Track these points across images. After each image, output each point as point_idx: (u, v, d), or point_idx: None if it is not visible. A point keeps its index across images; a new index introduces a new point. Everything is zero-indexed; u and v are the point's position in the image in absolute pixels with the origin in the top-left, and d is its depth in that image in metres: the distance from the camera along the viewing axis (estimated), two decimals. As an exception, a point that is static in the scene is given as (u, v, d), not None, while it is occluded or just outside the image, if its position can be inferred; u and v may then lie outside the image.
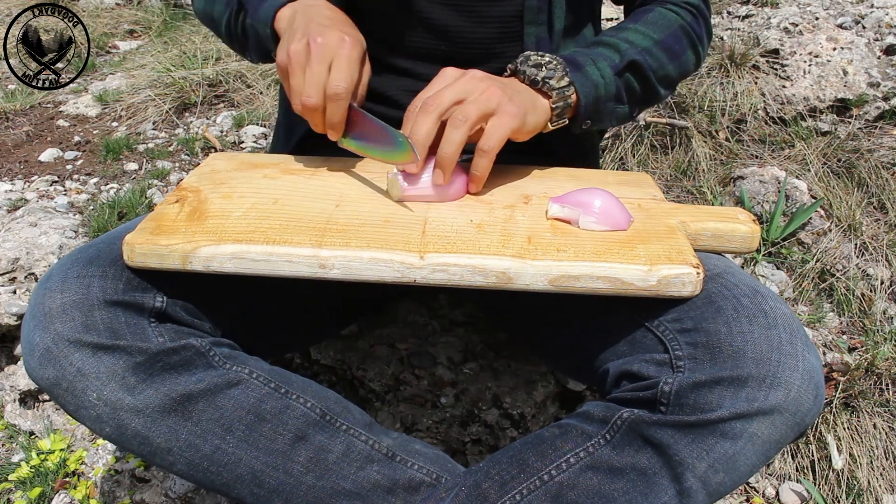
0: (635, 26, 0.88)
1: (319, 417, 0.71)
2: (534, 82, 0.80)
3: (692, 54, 0.92)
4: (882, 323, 1.41)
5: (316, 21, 0.78)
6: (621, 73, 0.85)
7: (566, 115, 0.82)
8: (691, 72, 0.95)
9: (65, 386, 0.65)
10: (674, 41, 0.89)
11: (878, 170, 1.68)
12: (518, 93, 0.78)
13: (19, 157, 2.00)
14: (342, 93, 0.75)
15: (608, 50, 0.85)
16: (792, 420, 0.63)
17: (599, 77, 0.82)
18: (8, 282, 1.36)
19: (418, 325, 1.16)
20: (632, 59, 0.85)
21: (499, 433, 1.11)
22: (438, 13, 0.87)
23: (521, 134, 0.77)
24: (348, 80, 0.75)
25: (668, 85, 0.91)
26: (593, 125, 0.86)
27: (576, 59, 0.83)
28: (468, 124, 0.72)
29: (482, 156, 0.75)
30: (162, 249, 0.65)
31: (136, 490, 1.12)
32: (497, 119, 0.74)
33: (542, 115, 0.80)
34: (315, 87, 0.75)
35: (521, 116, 0.75)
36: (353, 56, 0.76)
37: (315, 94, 0.75)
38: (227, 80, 2.29)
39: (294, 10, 0.82)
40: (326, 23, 0.78)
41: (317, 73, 0.74)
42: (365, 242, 0.66)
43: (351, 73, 0.75)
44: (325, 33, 0.75)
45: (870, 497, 1.20)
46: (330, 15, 0.81)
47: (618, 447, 0.66)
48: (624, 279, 0.64)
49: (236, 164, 0.86)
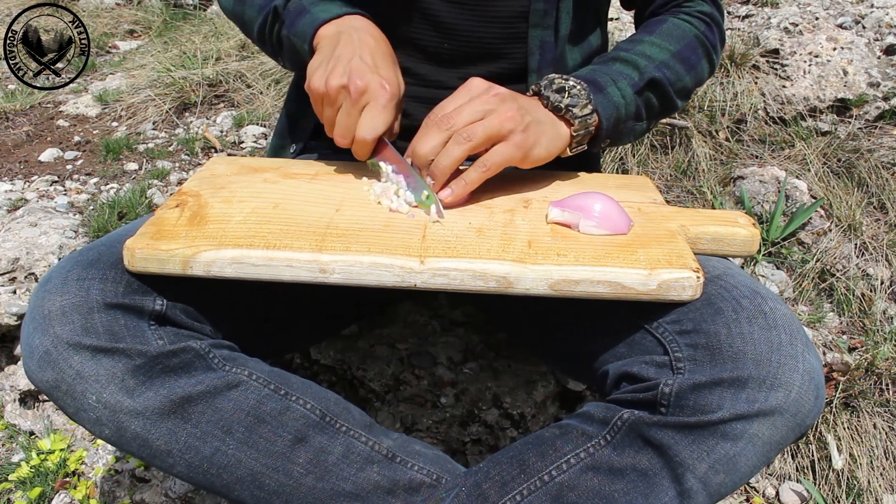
0: (651, 38, 0.88)
1: (319, 419, 0.71)
2: (557, 109, 0.80)
3: (707, 63, 0.92)
4: (882, 323, 1.41)
5: (359, 56, 0.79)
6: (641, 91, 0.85)
7: (586, 140, 0.83)
8: (706, 80, 0.95)
9: (64, 388, 0.65)
10: (690, 52, 0.89)
11: (878, 170, 1.68)
12: (538, 122, 0.78)
13: (19, 157, 2.00)
14: (370, 140, 0.78)
15: (627, 67, 0.85)
16: (792, 421, 0.63)
17: (620, 98, 0.83)
18: (8, 282, 1.36)
19: (418, 325, 1.17)
20: (651, 76, 0.85)
21: (499, 433, 1.11)
22: (443, 9, 0.86)
23: (525, 163, 0.77)
24: (378, 129, 0.78)
25: (684, 96, 0.92)
26: (612, 144, 0.87)
27: (597, 80, 0.82)
28: (471, 144, 0.73)
29: (477, 169, 0.75)
30: (162, 254, 0.65)
31: (136, 490, 1.12)
32: (502, 146, 0.74)
33: (560, 143, 0.80)
34: (348, 131, 0.79)
35: (526, 149, 0.75)
36: (388, 105, 0.78)
37: (347, 136, 0.79)
38: (227, 80, 2.29)
39: (339, 30, 0.82)
40: (369, 60, 0.79)
41: (351, 116, 0.78)
42: (365, 247, 0.66)
43: (383, 121, 0.78)
44: (365, 76, 0.77)
45: (870, 497, 1.21)
46: (373, 47, 0.81)
47: (618, 448, 0.66)
48: (624, 283, 0.64)
49: (236, 169, 0.86)
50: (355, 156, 0.81)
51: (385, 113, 0.77)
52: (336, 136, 0.79)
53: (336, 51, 0.79)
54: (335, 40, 0.81)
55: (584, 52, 0.95)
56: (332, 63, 0.78)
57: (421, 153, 0.74)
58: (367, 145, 0.78)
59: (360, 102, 0.77)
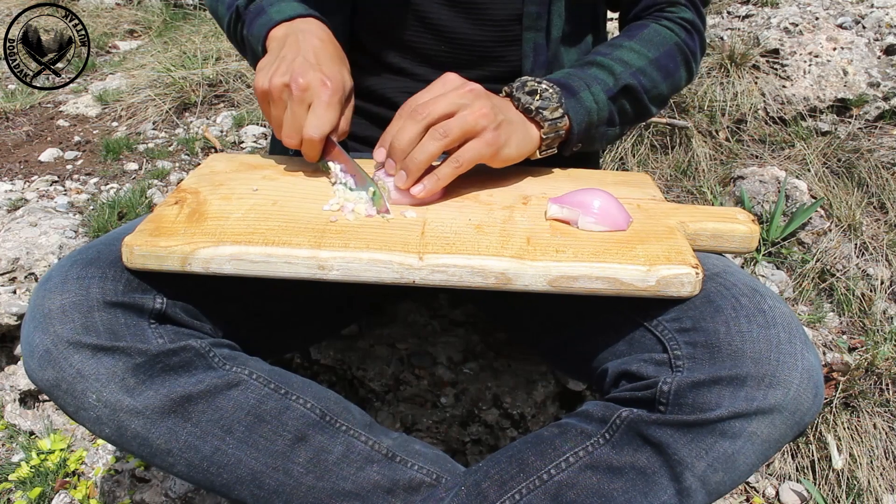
0: (630, 44, 0.88)
1: (319, 418, 0.71)
2: (527, 111, 0.80)
3: (685, 72, 0.93)
4: (882, 323, 1.41)
5: (302, 55, 0.79)
6: (615, 97, 0.85)
7: (556, 144, 0.83)
8: (682, 88, 0.96)
9: (64, 387, 0.65)
10: (668, 59, 0.89)
11: (878, 170, 1.68)
12: (509, 122, 0.78)
13: (19, 157, 2.00)
14: (317, 139, 0.77)
15: (603, 72, 0.85)
16: (791, 419, 0.63)
17: (593, 102, 0.83)
18: (8, 282, 1.36)
19: (418, 325, 1.17)
20: (626, 83, 0.85)
21: (499, 433, 1.11)
22: (437, 12, 0.87)
23: (496, 161, 0.78)
24: (324, 128, 0.77)
25: (659, 103, 0.92)
26: (584, 148, 0.87)
27: (570, 85, 0.83)
28: (446, 141, 0.73)
29: (450, 164, 0.75)
30: (161, 251, 0.65)
31: (136, 490, 1.12)
32: (475, 142, 0.75)
33: (529, 144, 0.80)
34: (295, 130, 0.78)
35: (497, 147, 0.76)
36: (332, 102, 0.78)
37: (294, 135, 0.79)
38: (227, 80, 2.29)
39: (286, 32, 0.83)
40: (312, 59, 0.79)
41: (297, 115, 0.78)
42: (364, 243, 0.66)
43: (328, 119, 0.78)
44: (307, 73, 0.77)
45: (870, 497, 1.20)
46: (318, 47, 0.82)
47: (617, 446, 0.66)
48: (623, 280, 0.64)
49: (235, 166, 0.86)
50: (305, 158, 0.81)
51: (330, 111, 0.77)
52: (284, 137, 0.79)
53: (282, 52, 0.81)
54: (282, 42, 0.82)
55: (581, 52, 0.95)
56: (277, 63, 0.79)
57: (398, 146, 0.74)
58: (315, 145, 0.78)
59: (304, 101, 0.77)
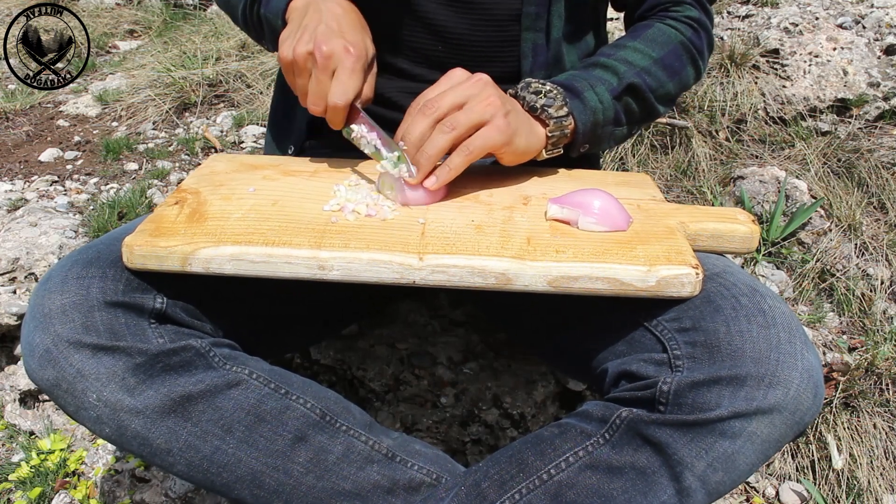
0: (634, 44, 0.88)
1: (319, 418, 0.71)
2: (532, 109, 0.80)
3: (692, 69, 0.92)
4: (882, 323, 1.41)
5: (325, 23, 0.79)
6: (619, 96, 0.85)
7: (562, 143, 0.83)
8: (691, 86, 0.95)
9: (65, 387, 0.65)
10: (674, 58, 0.89)
11: (878, 170, 1.68)
12: (517, 113, 0.78)
13: (19, 157, 2.00)
14: (341, 106, 0.78)
15: (606, 73, 0.85)
16: (791, 419, 0.63)
17: (597, 102, 0.83)
18: (8, 282, 1.36)
19: (418, 325, 1.17)
20: (630, 81, 0.85)
21: (499, 433, 1.11)
22: (435, 11, 0.87)
23: (508, 154, 0.77)
24: (348, 94, 0.78)
25: (667, 102, 0.91)
26: (591, 149, 0.87)
27: (574, 86, 0.83)
28: (456, 133, 0.73)
29: (460, 153, 0.75)
30: (161, 251, 0.65)
31: (136, 490, 1.12)
32: (486, 129, 0.75)
33: (536, 141, 0.80)
34: (320, 97, 0.79)
35: (509, 134, 0.75)
36: (355, 68, 0.78)
37: (320, 102, 0.79)
38: (227, 80, 2.29)
39: (307, 2, 0.83)
40: (334, 26, 0.79)
41: (321, 82, 0.78)
42: (364, 244, 0.66)
43: (353, 85, 0.78)
44: (330, 41, 0.77)
45: (870, 497, 1.20)
46: (340, 15, 0.82)
47: (617, 446, 0.66)
48: (623, 280, 0.64)
49: (236, 166, 0.86)
50: (330, 125, 0.81)
51: (354, 77, 0.78)
52: (309, 105, 0.80)
53: (304, 21, 0.81)
54: (303, 12, 0.82)
55: (581, 52, 0.95)
56: (300, 32, 0.79)
57: (408, 142, 0.75)
58: (340, 111, 0.78)
59: (328, 68, 0.77)
